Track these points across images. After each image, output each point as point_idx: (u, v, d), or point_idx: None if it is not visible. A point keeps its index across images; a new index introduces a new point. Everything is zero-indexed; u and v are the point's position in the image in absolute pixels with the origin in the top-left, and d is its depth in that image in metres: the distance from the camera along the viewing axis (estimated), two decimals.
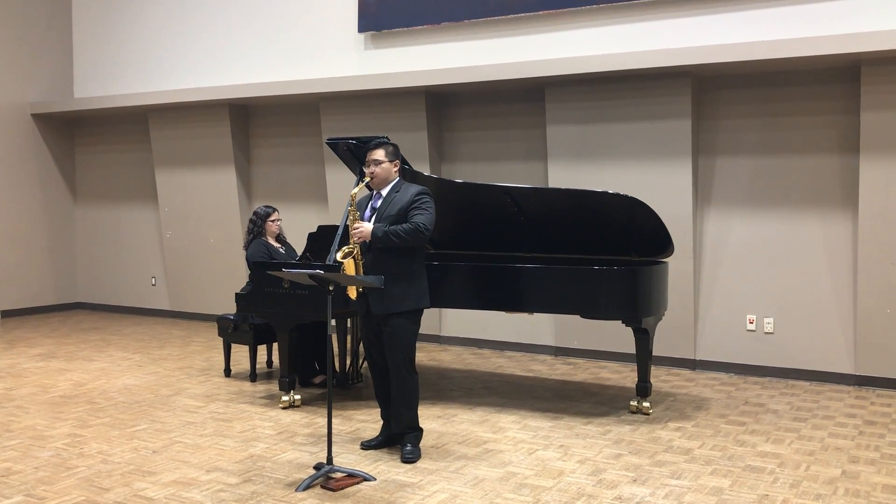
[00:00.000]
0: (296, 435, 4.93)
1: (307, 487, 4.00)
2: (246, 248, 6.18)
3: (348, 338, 6.26)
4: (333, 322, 5.92)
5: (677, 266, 6.31)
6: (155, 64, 9.44)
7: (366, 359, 4.73)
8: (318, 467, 4.19)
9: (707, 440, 4.84)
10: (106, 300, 10.29)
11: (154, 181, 9.66)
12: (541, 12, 7.10)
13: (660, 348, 6.50)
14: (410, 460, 4.42)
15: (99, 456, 4.53)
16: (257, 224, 6.19)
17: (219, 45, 8.98)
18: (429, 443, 4.72)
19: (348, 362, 6.23)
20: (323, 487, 4.00)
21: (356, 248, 4.45)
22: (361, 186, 4.59)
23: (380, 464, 4.38)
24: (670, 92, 6.63)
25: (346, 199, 5.68)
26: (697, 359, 6.83)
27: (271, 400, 5.76)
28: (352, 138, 5.60)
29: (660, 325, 5.74)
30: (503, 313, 6.22)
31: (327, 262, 5.48)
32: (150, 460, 4.46)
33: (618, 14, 6.84)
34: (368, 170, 4.52)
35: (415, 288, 4.46)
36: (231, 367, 6.59)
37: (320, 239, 6.22)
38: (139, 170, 9.92)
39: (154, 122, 9.44)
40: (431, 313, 7.41)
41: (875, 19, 5.91)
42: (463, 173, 7.75)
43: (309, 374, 6.18)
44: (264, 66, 8.63)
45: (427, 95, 7.71)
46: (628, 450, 4.65)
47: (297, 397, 5.59)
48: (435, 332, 7.95)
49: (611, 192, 5.50)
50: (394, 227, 4.34)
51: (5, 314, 9.58)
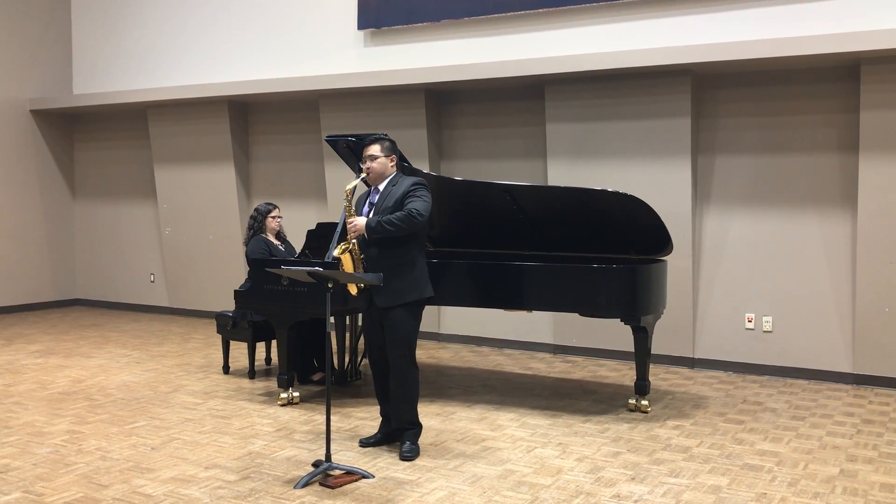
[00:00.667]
0: (294, 432, 4.93)
1: (306, 485, 4.00)
2: (246, 244, 6.18)
3: (347, 335, 6.26)
4: (332, 319, 5.93)
5: (676, 264, 6.31)
6: (154, 60, 9.43)
7: (367, 355, 4.73)
8: (316, 464, 4.19)
9: (705, 438, 4.85)
10: (105, 297, 10.28)
11: (153, 178, 9.65)
12: (541, 10, 7.09)
13: (658, 346, 6.50)
14: (409, 458, 4.42)
15: (97, 452, 4.53)
16: (258, 220, 6.19)
17: (218, 42, 8.97)
18: (427, 440, 4.72)
19: (347, 359, 6.24)
20: (321, 485, 4.00)
21: (353, 242, 4.47)
22: (357, 182, 4.58)
23: (378, 461, 4.38)
24: (670, 90, 6.63)
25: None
26: (696, 357, 6.84)
27: (270, 397, 5.76)
28: (351, 135, 5.60)
29: (658, 324, 5.74)
30: (502, 311, 6.22)
31: (326, 260, 5.48)
32: (148, 457, 4.46)
33: (618, 12, 6.84)
34: (365, 165, 4.53)
35: (415, 279, 4.47)
36: (230, 364, 6.58)
37: (319, 236, 6.22)
38: (138, 166, 9.91)
39: (153, 119, 9.43)
40: (430, 311, 7.41)
41: (875, 18, 5.90)
42: (462, 171, 7.74)
43: (308, 371, 6.18)
44: (264, 62, 8.62)
45: (427, 93, 7.70)
46: (627, 448, 4.65)
47: (296, 394, 5.59)
48: (434, 330, 7.95)
49: (610, 190, 5.50)
50: (387, 216, 4.35)
51: (4, 310, 9.57)
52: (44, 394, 5.86)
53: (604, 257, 5.64)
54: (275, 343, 6.38)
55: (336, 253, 4.49)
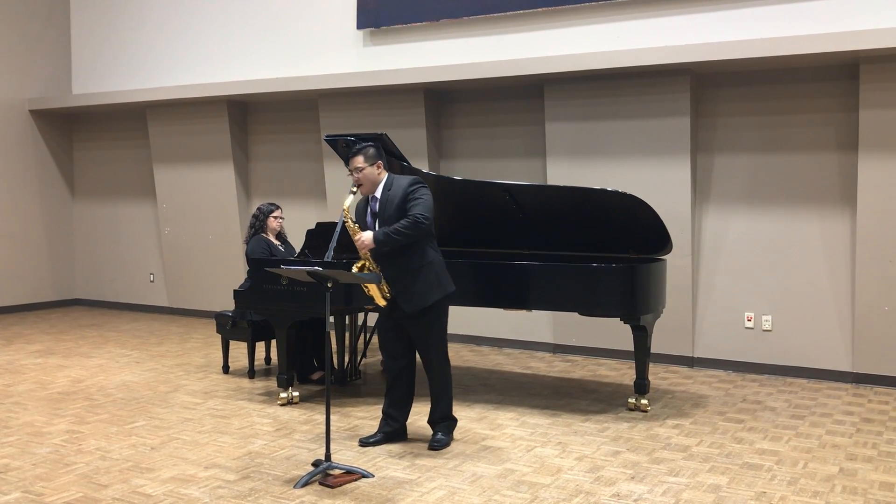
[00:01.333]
0: (294, 432, 4.93)
1: (305, 484, 4.00)
2: (246, 242, 6.19)
3: (347, 334, 6.26)
4: (332, 319, 5.93)
5: (675, 263, 6.31)
6: (153, 60, 9.43)
7: (383, 364, 4.72)
8: (316, 464, 4.19)
9: (705, 437, 4.85)
10: (104, 296, 10.28)
11: (152, 178, 9.65)
12: (540, 9, 7.09)
13: (658, 345, 6.50)
14: (437, 448, 4.55)
15: (97, 452, 4.53)
16: (259, 219, 6.20)
17: (217, 41, 8.97)
18: (426, 440, 4.71)
19: (346, 359, 6.24)
20: (321, 484, 4.00)
21: (366, 260, 4.45)
22: (352, 198, 4.47)
23: (378, 460, 4.38)
24: (669, 89, 6.63)
25: (344, 197, 5.69)
26: (695, 356, 6.84)
27: (270, 397, 5.76)
28: (350, 135, 5.59)
29: (658, 323, 5.74)
30: (501, 310, 6.22)
31: (325, 259, 5.48)
32: (148, 457, 4.46)
33: (617, 11, 6.84)
34: (353, 178, 4.50)
35: (436, 276, 4.49)
36: (229, 364, 6.59)
37: (319, 236, 6.22)
38: (137, 166, 9.91)
39: (152, 119, 9.43)
40: None
41: (874, 17, 5.91)
42: (462, 170, 7.74)
43: (307, 370, 6.19)
44: (263, 62, 8.62)
45: (426, 92, 7.70)
46: (626, 447, 4.66)
47: (296, 394, 5.59)
48: None
49: (609, 189, 5.50)
50: (393, 226, 4.33)
51: (3, 310, 9.57)
52: (43, 394, 5.86)
53: (603, 256, 5.64)
54: (274, 343, 6.38)
55: (354, 270, 4.44)
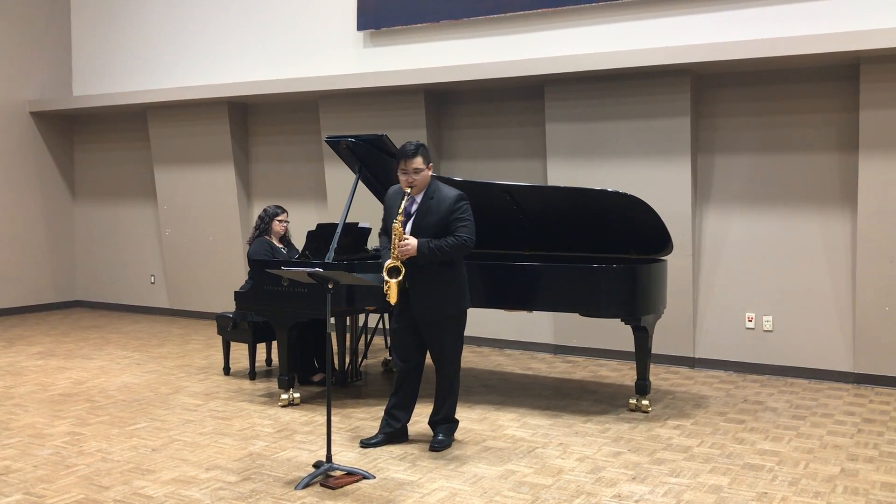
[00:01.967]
0: (295, 433, 4.93)
1: (306, 485, 4.00)
2: (249, 243, 6.20)
3: (347, 336, 6.26)
4: (332, 320, 5.93)
5: (676, 264, 6.31)
6: (154, 62, 9.43)
7: (392, 358, 4.73)
8: (317, 465, 4.19)
9: (706, 438, 4.85)
10: (105, 298, 10.28)
11: (153, 179, 9.65)
12: (540, 10, 7.09)
13: (659, 346, 6.50)
14: (438, 449, 4.56)
15: (98, 454, 4.53)
16: (264, 221, 6.22)
17: (218, 42, 8.97)
18: (427, 441, 4.71)
19: (347, 360, 6.23)
20: (322, 485, 4.01)
21: (397, 262, 4.32)
22: (407, 202, 4.39)
23: (379, 462, 4.38)
24: (669, 90, 6.63)
25: (345, 197, 5.72)
26: (696, 357, 6.84)
27: (270, 398, 5.76)
28: (351, 136, 5.60)
29: (659, 323, 5.74)
30: (502, 311, 6.22)
31: (326, 261, 5.48)
32: (149, 458, 4.46)
33: (617, 12, 6.84)
34: (408, 178, 4.38)
35: (457, 289, 4.51)
36: (230, 366, 6.59)
37: (319, 237, 6.22)
38: (138, 168, 9.91)
39: (153, 120, 9.43)
40: None
41: (874, 17, 5.91)
42: (462, 171, 7.74)
43: (308, 372, 6.19)
44: (263, 63, 8.62)
45: (426, 93, 7.71)
46: (627, 448, 4.66)
47: (297, 395, 5.59)
48: None
49: (610, 190, 5.51)
50: (438, 242, 4.33)
51: (5, 312, 9.57)
52: (44, 395, 5.86)
53: (604, 257, 5.64)
54: (275, 344, 6.38)
55: (385, 275, 4.34)
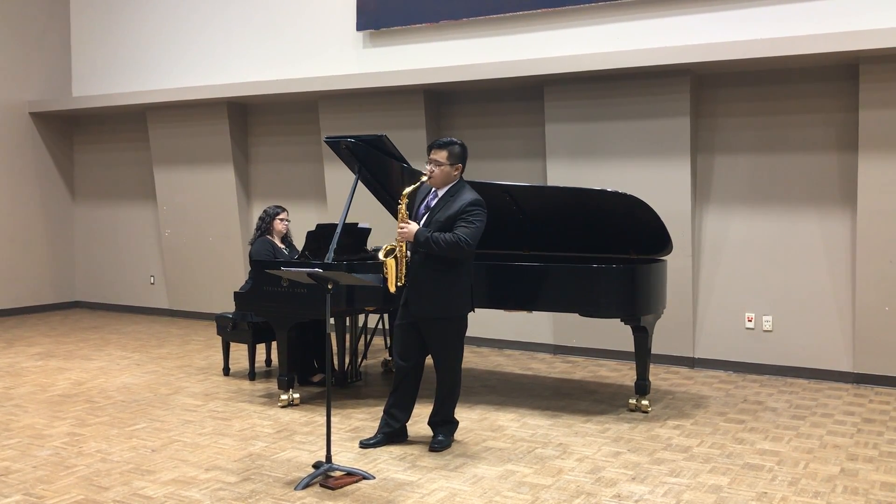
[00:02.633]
0: (295, 433, 4.93)
1: (306, 486, 4.00)
2: (251, 244, 6.21)
3: (347, 336, 6.26)
4: (332, 320, 5.93)
5: (676, 264, 6.31)
6: (153, 62, 9.43)
7: (392, 354, 4.73)
8: (316, 466, 4.19)
9: (706, 438, 4.85)
10: (104, 299, 10.28)
11: (153, 180, 9.65)
12: (539, 10, 7.09)
13: (658, 346, 6.50)
14: (438, 449, 4.55)
15: (98, 455, 4.53)
16: (265, 221, 6.24)
17: (217, 43, 8.97)
18: (427, 441, 4.71)
19: (347, 361, 6.23)
20: (322, 486, 4.00)
21: (400, 246, 4.44)
22: (416, 186, 4.47)
23: (379, 462, 4.38)
24: (669, 90, 6.63)
25: (345, 198, 5.71)
26: (696, 357, 6.84)
27: (270, 398, 5.76)
28: (351, 137, 5.60)
29: (658, 323, 5.74)
30: (502, 311, 6.21)
31: (326, 261, 5.48)
32: (149, 459, 4.46)
33: (617, 12, 6.84)
34: (428, 167, 4.46)
35: (457, 293, 4.46)
36: (230, 366, 6.58)
37: (319, 237, 6.21)
38: (138, 168, 9.91)
39: (153, 121, 9.43)
40: None
41: (874, 17, 5.91)
42: None
43: (308, 372, 6.18)
44: (263, 64, 8.62)
45: (426, 94, 7.71)
46: (627, 448, 4.65)
47: (296, 396, 5.59)
48: None
49: (609, 190, 5.51)
50: (437, 234, 4.32)
51: (4, 313, 9.57)
52: (44, 396, 5.85)
53: (604, 257, 5.64)
54: (275, 344, 6.38)
55: (381, 255, 4.48)
